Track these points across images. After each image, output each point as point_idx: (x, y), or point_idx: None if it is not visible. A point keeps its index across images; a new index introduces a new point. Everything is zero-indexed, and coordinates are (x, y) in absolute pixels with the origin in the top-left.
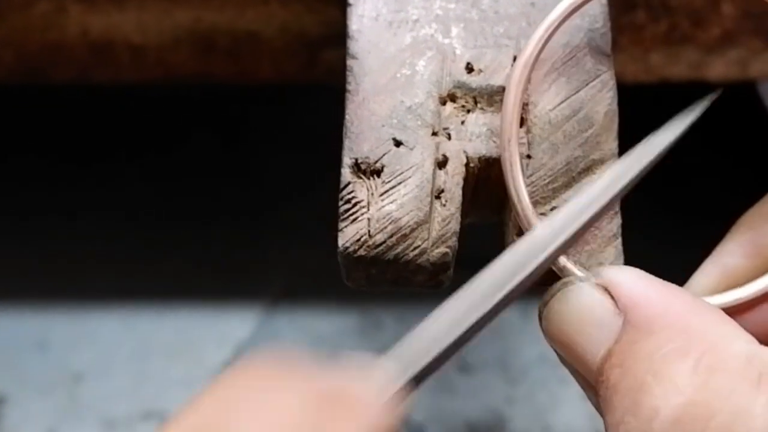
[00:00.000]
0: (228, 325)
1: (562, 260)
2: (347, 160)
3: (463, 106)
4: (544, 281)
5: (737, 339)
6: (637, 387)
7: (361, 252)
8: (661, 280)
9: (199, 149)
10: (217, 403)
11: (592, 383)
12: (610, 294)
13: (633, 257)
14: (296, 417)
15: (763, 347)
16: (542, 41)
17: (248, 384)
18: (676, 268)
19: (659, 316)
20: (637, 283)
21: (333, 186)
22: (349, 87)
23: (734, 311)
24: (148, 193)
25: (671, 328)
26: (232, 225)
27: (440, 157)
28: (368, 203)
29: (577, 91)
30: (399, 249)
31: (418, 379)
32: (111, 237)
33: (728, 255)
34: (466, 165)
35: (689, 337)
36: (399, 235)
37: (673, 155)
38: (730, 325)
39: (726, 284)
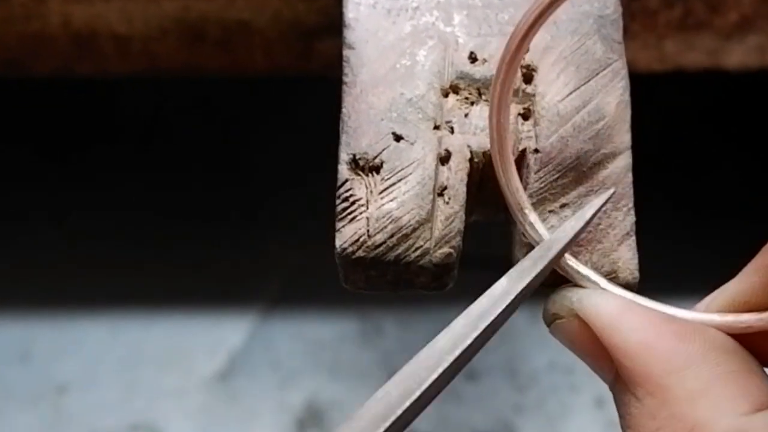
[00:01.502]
0: (221, 332)
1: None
2: (344, 156)
3: (467, 98)
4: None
5: (723, 415)
6: None
7: (360, 253)
8: (643, 313)
9: (192, 151)
10: None
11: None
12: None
13: (648, 256)
14: None
15: (752, 417)
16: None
17: None
18: (691, 266)
19: (642, 377)
20: (617, 328)
21: (330, 184)
22: (345, 78)
23: (744, 337)
24: (137, 193)
25: (653, 397)
26: (225, 226)
27: (443, 152)
28: (367, 201)
29: (587, 81)
30: (400, 250)
31: None
32: (97, 239)
33: (750, 275)
34: (470, 160)
35: (672, 416)
36: (400, 234)
37: (686, 149)
38: (718, 390)
39: (744, 305)
